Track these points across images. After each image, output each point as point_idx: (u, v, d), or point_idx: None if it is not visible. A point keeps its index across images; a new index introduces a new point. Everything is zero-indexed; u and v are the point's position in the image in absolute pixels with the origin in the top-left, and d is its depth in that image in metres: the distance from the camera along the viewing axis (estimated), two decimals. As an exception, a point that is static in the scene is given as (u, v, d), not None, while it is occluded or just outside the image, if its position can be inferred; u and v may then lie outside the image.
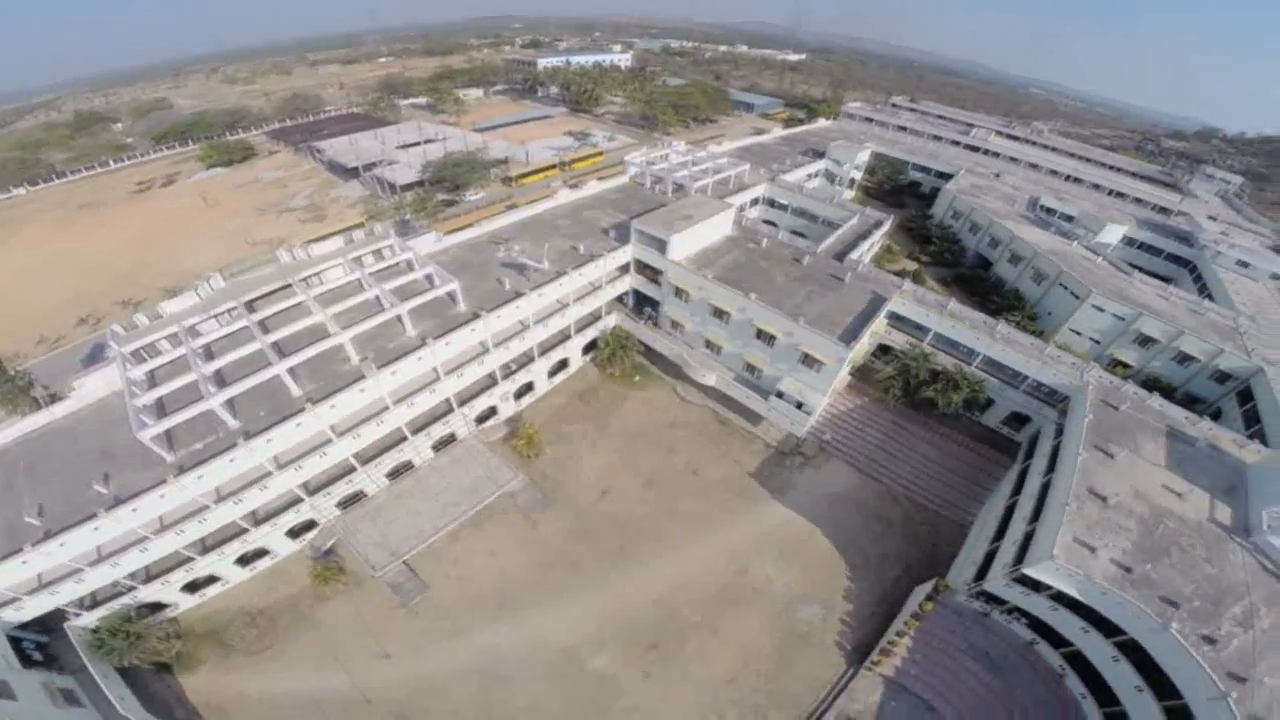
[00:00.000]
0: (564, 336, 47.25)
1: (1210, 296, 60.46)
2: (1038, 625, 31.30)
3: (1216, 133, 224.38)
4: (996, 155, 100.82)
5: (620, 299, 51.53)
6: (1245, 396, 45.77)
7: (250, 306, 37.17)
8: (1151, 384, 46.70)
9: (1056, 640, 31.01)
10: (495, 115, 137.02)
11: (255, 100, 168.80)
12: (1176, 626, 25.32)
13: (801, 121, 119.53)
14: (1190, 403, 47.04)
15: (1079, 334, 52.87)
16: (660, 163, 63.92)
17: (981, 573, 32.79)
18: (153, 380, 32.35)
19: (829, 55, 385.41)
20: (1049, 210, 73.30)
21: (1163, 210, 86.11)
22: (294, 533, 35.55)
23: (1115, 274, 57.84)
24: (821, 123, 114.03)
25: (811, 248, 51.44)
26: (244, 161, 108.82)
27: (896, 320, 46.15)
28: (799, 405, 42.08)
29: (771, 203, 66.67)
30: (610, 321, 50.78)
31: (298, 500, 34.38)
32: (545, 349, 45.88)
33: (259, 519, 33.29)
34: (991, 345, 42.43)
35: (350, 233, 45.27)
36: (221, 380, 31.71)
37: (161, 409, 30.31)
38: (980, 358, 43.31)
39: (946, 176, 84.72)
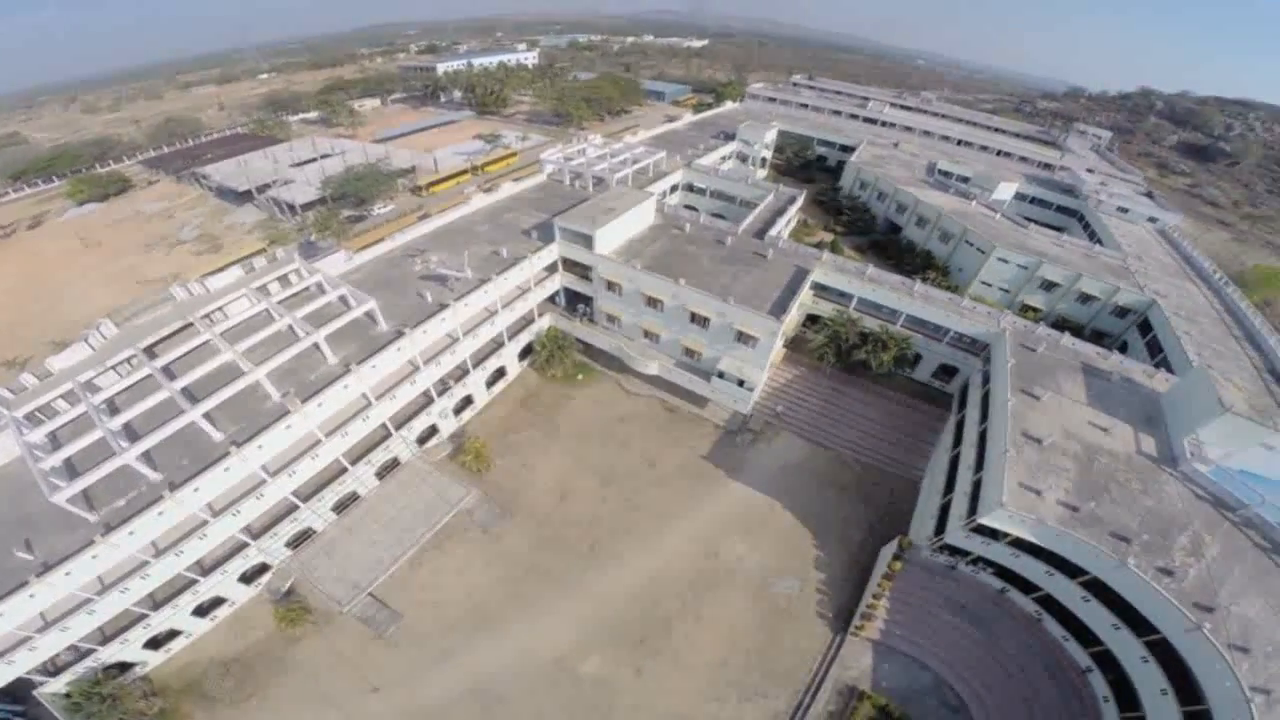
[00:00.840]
0: (497, 344, 45.50)
1: (1099, 241, 66.13)
2: (1005, 573, 32.55)
3: (1082, 92, 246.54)
4: (892, 125, 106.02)
5: (552, 299, 50.21)
6: (1145, 328, 50.32)
7: (150, 352, 33.51)
8: (1061, 325, 50.38)
9: (1025, 586, 32.27)
10: (396, 124, 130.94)
11: (124, 128, 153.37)
12: (1133, 562, 26.78)
13: (710, 106, 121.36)
14: (1098, 338, 51.17)
15: (989, 285, 56.37)
16: (578, 158, 62.77)
17: (940, 526, 33.99)
18: (55, 442, 29.09)
19: (731, 39, 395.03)
20: (946, 173, 77.75)
21: (1046, 166, 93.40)
22: (247, 578, 33.61)
23: (1014, 228, 62.05)
24: (729, 105, 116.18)
25: (733, 228, 52.02)
26: (121, 195, 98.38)
27: (821, 290, 47.42)
28: (740, 383, 42.41)
29: (690, 188, 67.08)
30: (544, 323, 49.40)
31: (243, 545, 32.32)
32: (479, 359, 44.03)
33: (206, 568, 31.24)
34: (911, 304, 44.38)
35: (251, 261, 41.60)
36: (132, 433, 28.92)
37: (72, 469, 27.69)
38: (903, 317, 45.25)
39: (850, 149, 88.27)
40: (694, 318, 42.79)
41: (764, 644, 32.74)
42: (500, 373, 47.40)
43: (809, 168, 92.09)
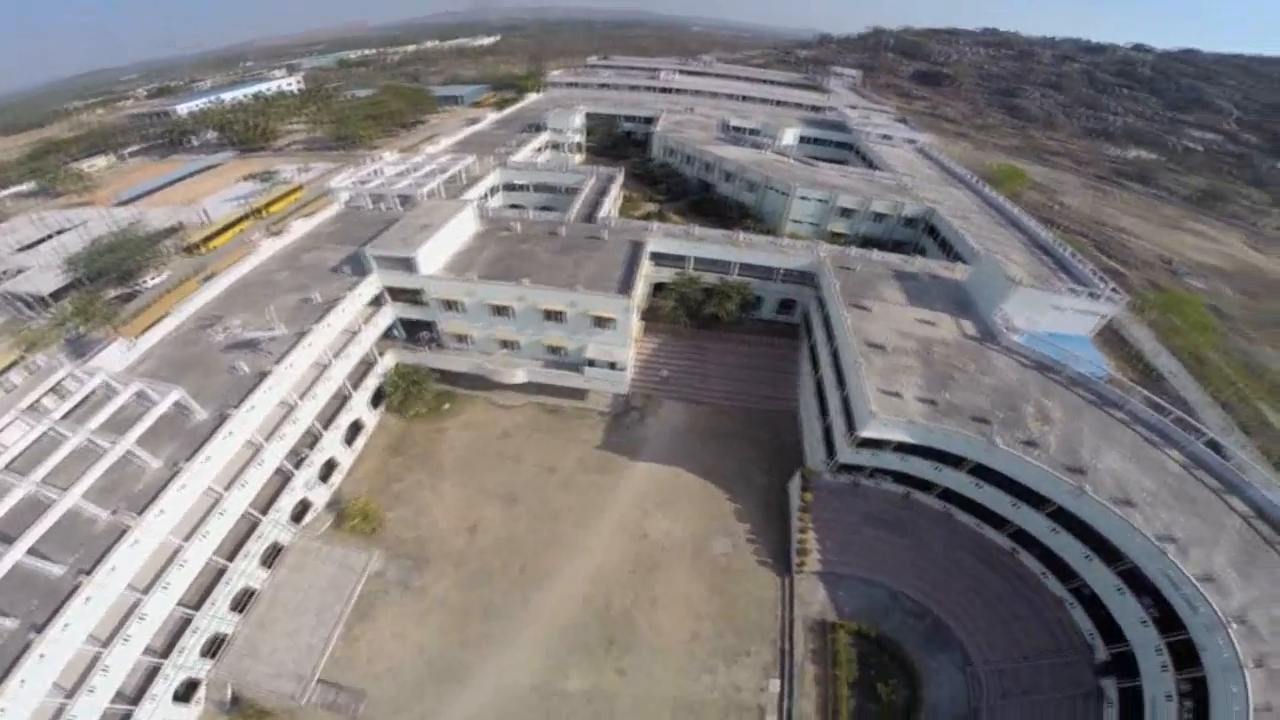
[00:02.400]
0: (343, 398, 41.10)
1: (875, 167, 76.48)
2: (902, 477, 36.40)
3: (830, 38, 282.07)
4: (684, 92, 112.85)
5: (389, 334, 46.40)
6: (932, 232, 59.51)
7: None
8: (866, 243, 57.53)
9: (923, 485, 36.37)
10: (141, 180, 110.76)
11: None
12: (1000, 441, 31.06)
13: (513, 101, 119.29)
14: (898, 247, 59.28)
15: (799, 222, 62.83)
16: (374, 179, 58.17)
17: (830, 449, 37.26)
18: None
19: (521, 31, 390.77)
20: (738, 129, 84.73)
21: (816, 109, 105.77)
22: (181, 697, 29.08)
23: (805, 168, 69.59)
24: (532, 97, 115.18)
25: (563, 218, 51.99)
26: None
27: (659, 258, 49.42)
28: (611, 366, 42.92)
29: (510, 186, 65.66)
30: (388, 362, 45.55)
31: (155, 666, 27.69)
32: (328, 419, 39.45)
33: (131, 697, 26.56)
34: (740, 252, 48.06)
35: (5, 377, 33.06)
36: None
37: None
38: (736, 266, 48.85)
39: (652, 121, 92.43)
40: (548, 315, 42.17)
41: (723, 606, 33.78)
42: (356, 426, 43.06)
43: (620, 145, 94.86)
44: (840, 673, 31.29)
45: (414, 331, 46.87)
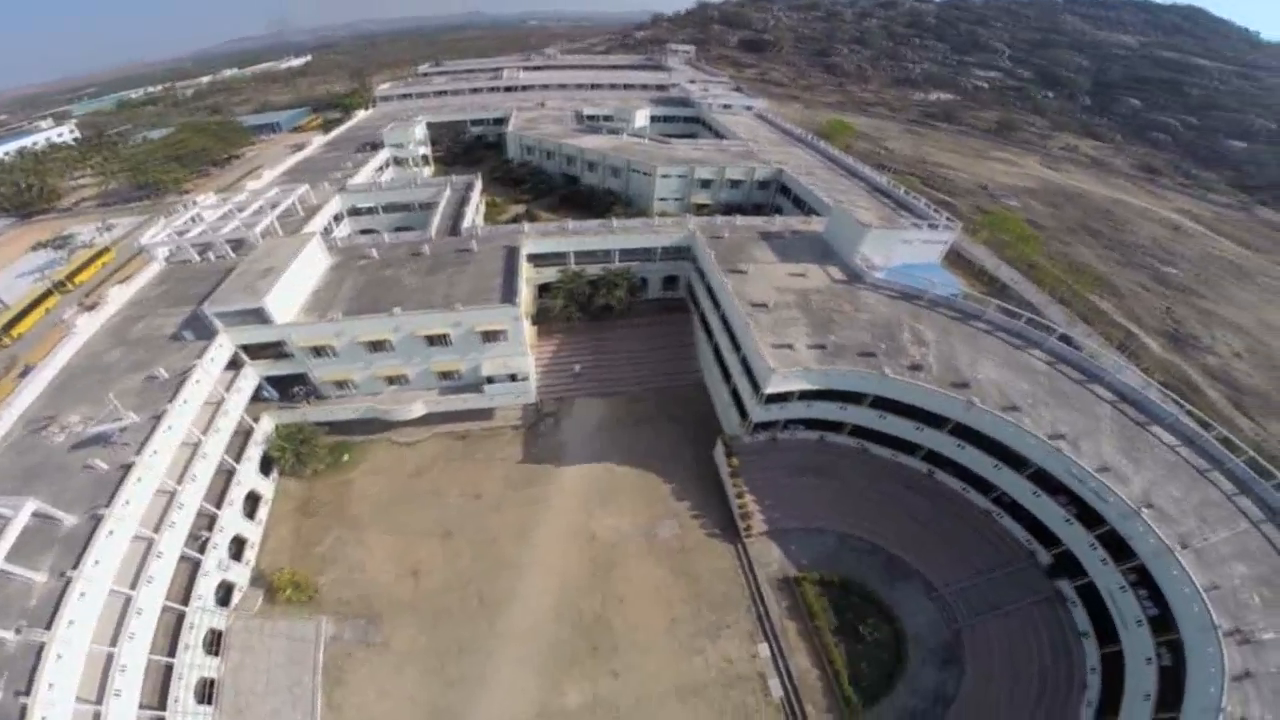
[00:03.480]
0: (228, 472, 36.57)
1: (722, 136, 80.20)
2: (813, 423, 38.80)
3: (662, 17, 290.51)
4: (530, 88, 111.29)
5: (259, 395, 41.75)
6: (785, 191, 63.61)
7: None
8: (729, 210, 60.25)
9: (834, 426, 38.97)
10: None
11: None
12: (889, 370, 33.74)
13: (340, 121, 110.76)
14: (758, 210, 62.79)
15: (665, 200, 64.60)
16: (194, 227, 51.47)
17: (741, 411, 38.90)
18: None
19: (336, 49, 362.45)
20: (592, 117, 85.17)
21: (661, 88, 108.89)
22: None
23: (662, 147, 71.49)
24: (362, 114, 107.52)
25: (424, 235, 49.34)
26: None
27: (538, 259, 48.61)
28: (512, 378, 41.66)
29: (356, 211, 61.09)
30: (266, 426, 40.97)
31: None
32: (218, 498, 35.03)
33: None
34: (616, 239, 48.54)
35: None
36: None
37: None
38: (616, 253, 49.24)
39: (503, 121, 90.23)
40: (432, 340, 39.86)
41: (690, 586, 34.47)
42: (254, 498, 38.62)
43: (472, 150, 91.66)
44: (819, 623, 32.90)
45: (286, 387, 42.47)
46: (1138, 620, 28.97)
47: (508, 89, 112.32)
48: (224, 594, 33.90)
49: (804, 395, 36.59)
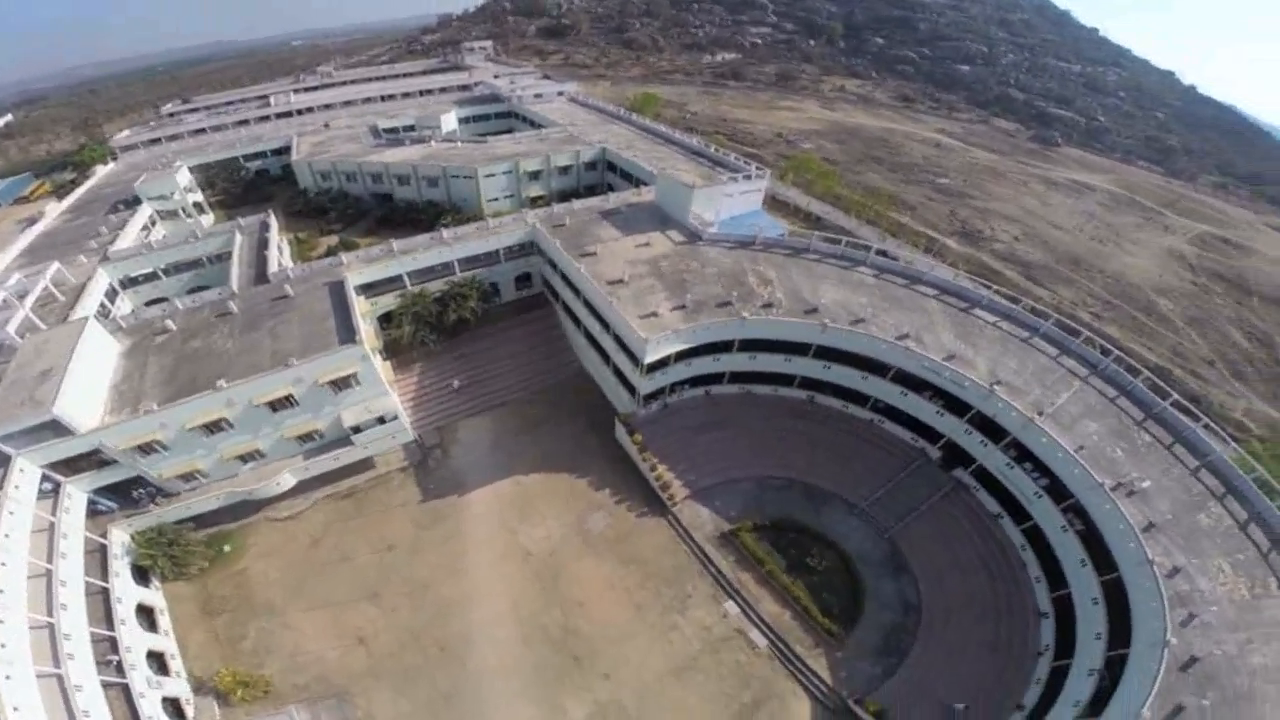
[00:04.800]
0: (102, 592, 30.69)
1: (539, 126, 79.30)
2: (696, 380, 40.81)
3: (451, 16, 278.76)
4: (311, 110, 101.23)
5: (95, 509, 34.39)
6: (612, 168, 65.03)
7: None
8: (565, 197, 59.96)
9: (715, 378, 41.32)
10: None
11: None
12: (746, 314, 36.48)
13: (77, 182, 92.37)
14: (592, 191, 63.16)
15: (496, 199, 62.67)
16: (-102, 347, 40.12)
17: (628, 386, 39.67)
18: None
19: (45, 102, 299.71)
20: (391, 130, 79.69)
21: (464, 88, 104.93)
22: None
23: (478, 146, 69.05)
24: (103, 170, 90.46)
25: (225, 291, 43.09)
26: None
27: (370, 289, 44.75)
28: (380, 421, 38.31)
29: (133, 281, 51.66)
30: (119, 539, 33.95)
31: None
32: (104, 620, 29.60)
33: None
34: (453, 249, 46.18)
35: None
36: None
37: None
38: (457, 264, 46.87)
39: (285, 151, 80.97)
40: (275, 405, 35.13)
41: (640, 571, 34.88)
42: (147, 611, 32.83)
43: (257, 187, 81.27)
44: (770, 567, 34.54)
45: (124, 494, 35.59)
46: (1035, 493, 33.68)
47: (283, 115, 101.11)
48: (174, 710, 29.23)
49: (680, 356, 38.08)
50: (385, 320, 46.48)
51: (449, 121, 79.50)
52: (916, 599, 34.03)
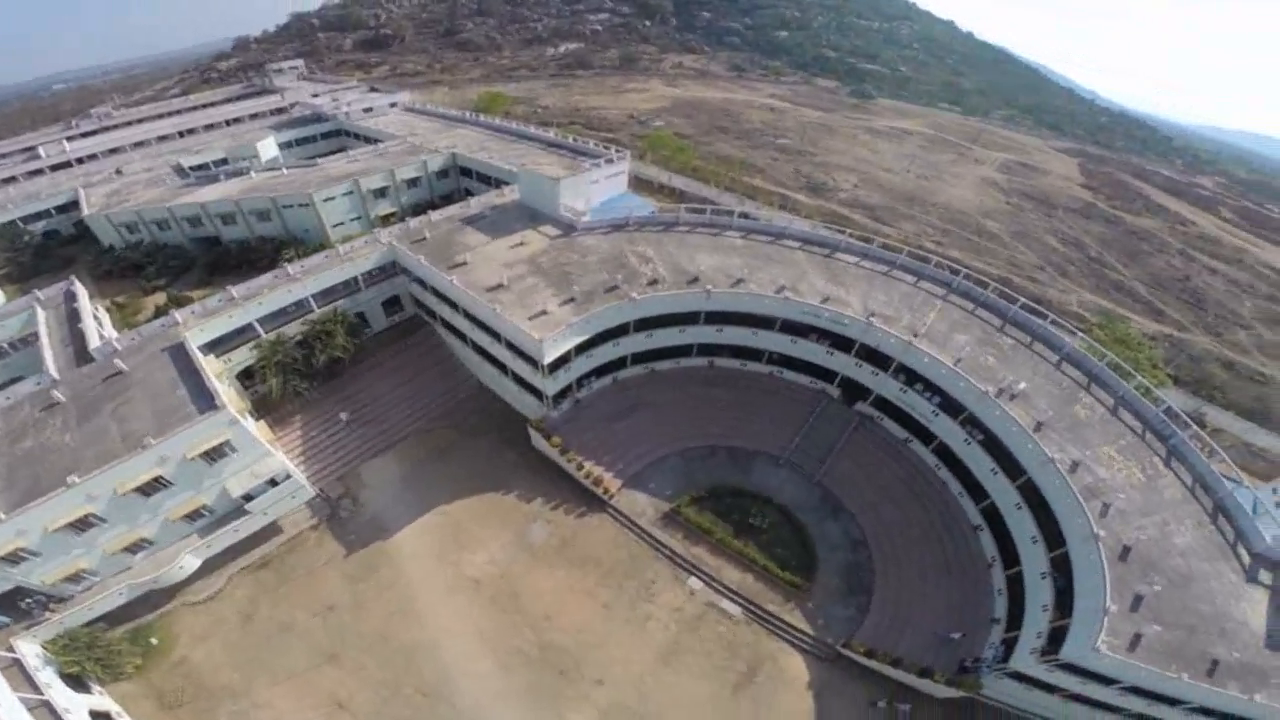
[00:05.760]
0: (45, 705, 24.90)
1: (376, 140, 74.10)
2: (600, 370, 41.10)
3: (249, 39, 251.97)
4: (94, 157, 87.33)
5: None
6: (466, 172, 63.15)
7: None
8: (418, 210, 56.64)
9: (618, 364, 42.02)
10: None
11: None
12: (635, 294, 37.36)
13: None
14: (448, 199, 60.23)
15: (342, 224, 57.88)
16: None
17: (536, 393, 38.99)
18: None
19: None
20: (200, 167, 70.86)
21: (280, 111, 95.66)
22: None
23: (308, 171, 63.24)
24: None
25: (44, 378, 36.11)
26: None
27: (217, 345, 39.57)
28: (271, 483, 34.54)
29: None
30: (30, 650, 28.63)
31: None
32: None
33: None
34: (305, 284, 41.91)
35: None
36: None
37: None
38: (312, 300, 42.74)
39: (71, 207, 69.07)
40: (146, 490, 30.76)
41: (597, 570, 34.68)
42: (103, 716, 28.14)
43: (47, 253, 68.70)
44: (719, 535, 35.44)
45: (10, 606, 30.38)
46: (932, 412, 36.93)
47: (59, 167, 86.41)
48: None
49: (580, 349, 37.84)
50: (246, 376, 41.62)
51: (268, 149, 72.22)
52: (861, 534, 36.55)
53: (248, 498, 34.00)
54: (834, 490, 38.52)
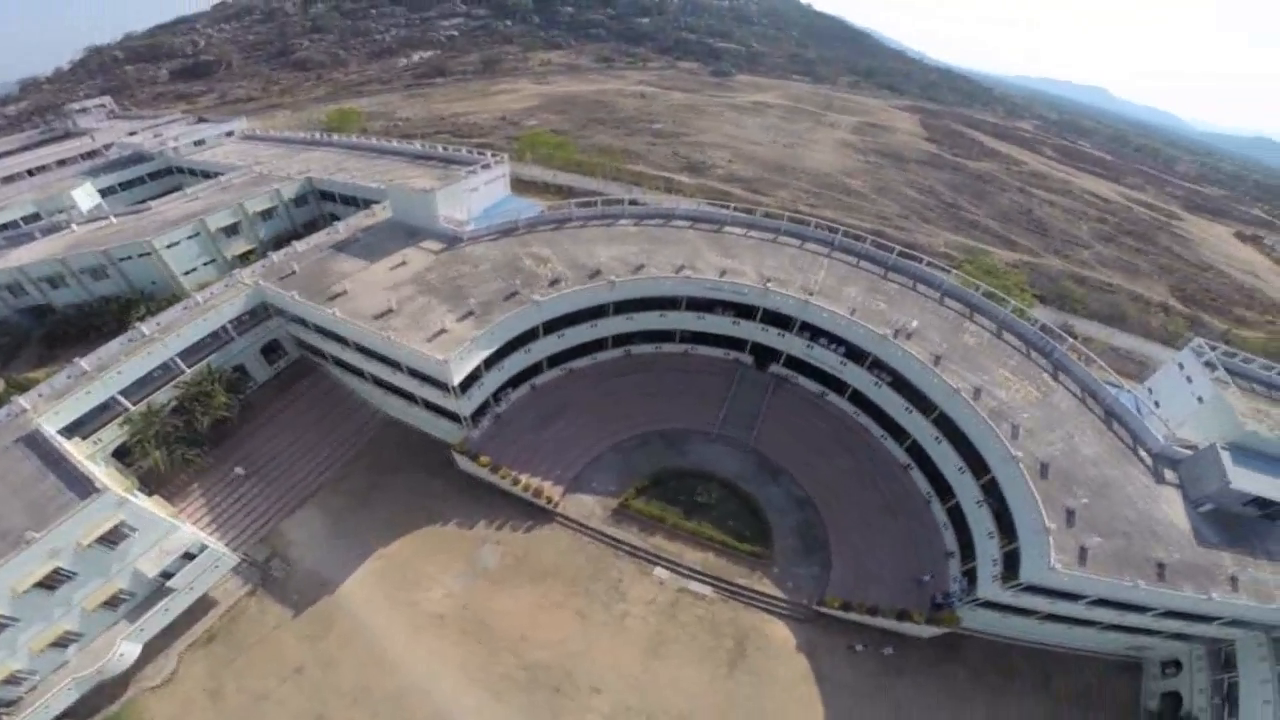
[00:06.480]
0: None
1: (216, 174, 66.66)
2: (514, 380, 40.24)
3: (36, 80, 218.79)
4: None
5: None
6: (328, 196, 59.32)
7: None
8: (279, 244, 51.38)
9: (533, 370, 41.53)
10: None
11: None
12: (537, 297, 36.86)
13: None
14: (312, 227, 55.61)
15: (194, 270, 51.67)
16: None
17: (451, 415, 37.63)
18: None
19: None
20: (7, 225, 60.59)
21: (91, 154, 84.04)
22: None
23: (141, 217, 55.93)
24: None
25: None
26: None
27: (78, 428, 33.94)
28: (189, 556, 30.82)
29: None
30: None
31: None
32: None
33: None
34: (165, 345, 36.83)
35: None
36: None
37: None
38: (174, 360, 37.89)
39: None
40: (47, 584, 27.03)
41: (560, 580, 34.05)
42: None
43: None
44: (670, 520, 35.60)
45: None
46: (840, 362, 38.94)
47: None
48: None
49: (490, 362, 36.51)
50: (123, 455, 36.40)
51: (87, 197, 63.24)
52: (804, 492, 38.09)
53: (166, 575, 30.79)
54: (768, 454, 39.94)
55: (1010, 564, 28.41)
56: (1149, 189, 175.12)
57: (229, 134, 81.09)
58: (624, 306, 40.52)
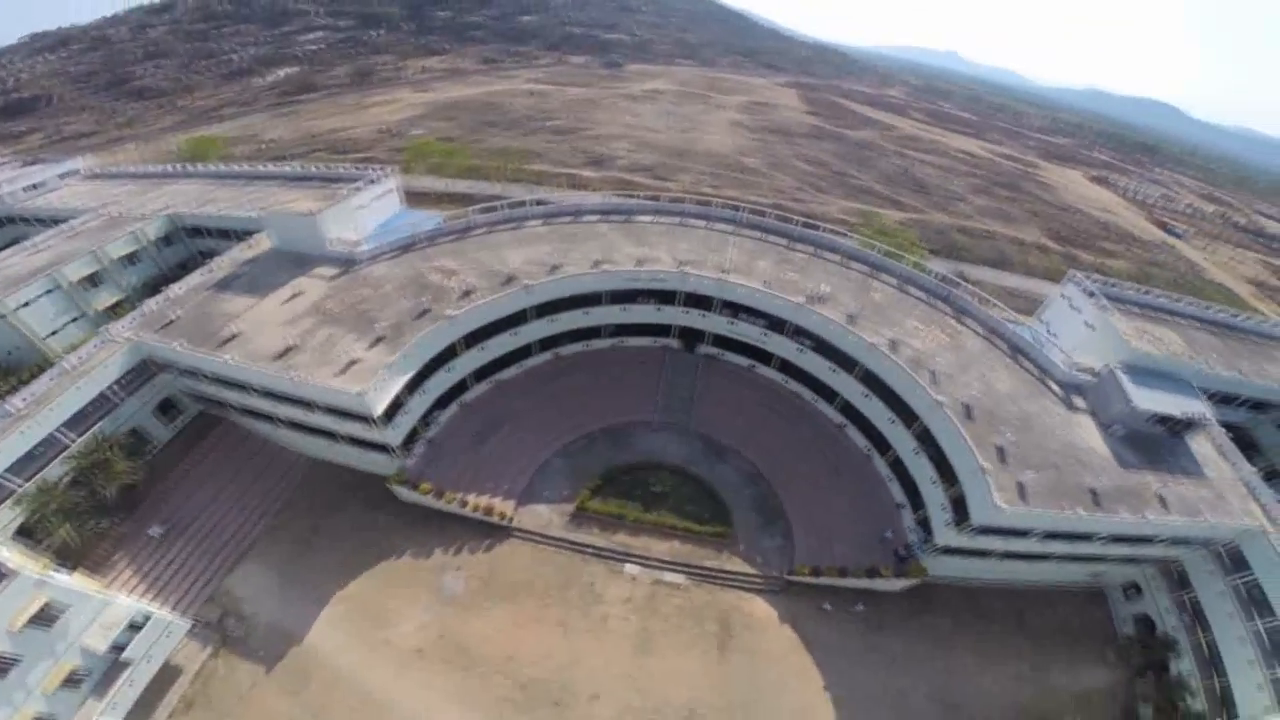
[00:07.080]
0: None
1: (61, 220, 59.13)
2: (442, 400, 39.07)
3: None
4: None
5: None
6: (199, 232, 54.92)
7: None
8: (155, 287, 46.46)
9: (461, 387, 40.58)
10: None
11: None
12: (450, 311, 36.02)
13: None
14: (186, 268, 50.64)
15: (57, 331, 45.88)
16: None
17: (380, 448, 36.39)
18: None
19: None
20: None
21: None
22: None
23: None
24: None
25: None
26: None
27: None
28: (136, 627, 28.00)
29: None
30: None
31: None
32: None
33: None
34: (43, 416, 32.51)
35: None
36: None
37: None
38: (58, 433, 33.69)
39: None
40: None
41: (533, 594, 33.65)
42: None
43: None
44: (630, 516, 35.89)
45: None
46: (762, 334, 40.40)
47: None
48: None
49: (410, 387, 35.01)
50: (27, 534, 32.16)
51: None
52: (752, 467, 39.34)
53: (118, 648, 28.58)
54: (712, 435, 41.10)
55: (959, 509, 30.06)
56: (1009, 143, 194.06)
57: (68, 175, 72.27)
58: (545, 309, 40.19)
